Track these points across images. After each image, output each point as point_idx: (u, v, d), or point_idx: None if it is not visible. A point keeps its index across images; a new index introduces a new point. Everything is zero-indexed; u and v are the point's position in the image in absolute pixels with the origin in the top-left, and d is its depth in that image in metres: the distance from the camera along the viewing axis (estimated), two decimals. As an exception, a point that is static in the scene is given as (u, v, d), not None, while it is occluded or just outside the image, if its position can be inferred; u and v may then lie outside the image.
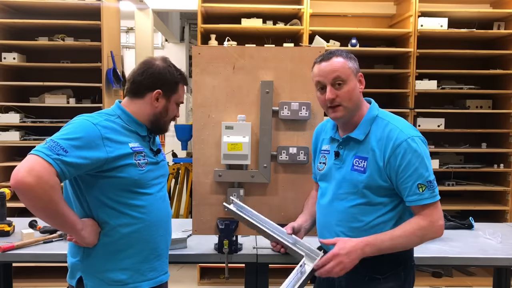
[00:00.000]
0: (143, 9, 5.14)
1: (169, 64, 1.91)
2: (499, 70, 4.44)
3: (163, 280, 1.90)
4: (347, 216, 1.82)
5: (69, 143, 1.65)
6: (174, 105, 1.92)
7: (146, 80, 1.86)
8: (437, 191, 1.75)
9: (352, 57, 1.83)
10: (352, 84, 1.79)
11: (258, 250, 2.37)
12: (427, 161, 1.75)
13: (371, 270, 1.80)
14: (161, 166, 1.94)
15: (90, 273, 1.79)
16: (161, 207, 1.89)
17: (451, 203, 4.46)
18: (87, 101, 4.33)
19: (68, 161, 1.62)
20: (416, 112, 4.31)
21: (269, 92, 2.26)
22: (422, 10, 4.27)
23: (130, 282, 1.79)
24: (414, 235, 1.74)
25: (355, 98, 1.80)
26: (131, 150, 1.78)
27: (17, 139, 4.14)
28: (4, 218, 2.56)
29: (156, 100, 1.87)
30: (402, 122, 1.82)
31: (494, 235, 2.61)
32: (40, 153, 1.60)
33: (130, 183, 1.77)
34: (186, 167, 4.85)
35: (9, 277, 2.69)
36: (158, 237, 1.87)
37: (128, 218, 1.78)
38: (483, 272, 4.45)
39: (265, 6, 4.26)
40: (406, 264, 1.84)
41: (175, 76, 1.90)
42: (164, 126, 1.94)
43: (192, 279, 4.44)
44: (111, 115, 1.84)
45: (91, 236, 1.75)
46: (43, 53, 4.48)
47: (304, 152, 2.27)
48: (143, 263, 1.82)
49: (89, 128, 1.71)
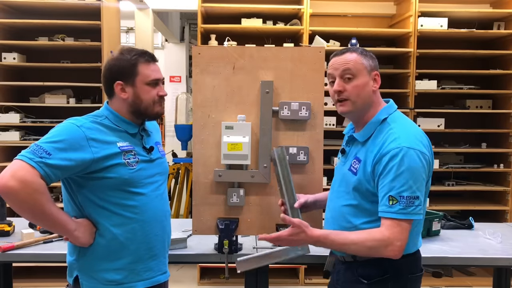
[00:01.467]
0: (143, 9, 5.14)
1: (122, 51, 1.85)
2: (499, 70, 4.44)
3: (160, 280, 1.90)
4: (339, 214, 1.84)
5: (52, 145, 1.67)
6: (144, 87, 1.84)
7: (106, 78, 1.85)
8: (416, 210, 1.65)
9: (369, 55, 1.81)
10: (362, 80, 1.77)
11: (258, 250, 2.37)
12: (410, 175, 1.64)
13: (358, 273, 1.79)
14: (157, 164, 1.92)
15: (85, 272, 1.80)
16: (157, 206, 1.88)
17: (451, 203, 4.47)
18: (87, 101, 4.33)
19: (52, 163, 1.64)
20: (416, 112, 4.32)
21: (269, 92, 2.26)
22: (422, 10, 4.27)
23: (125, 282, 1.80)
24: (364, 245, 1.68)
25: (364, 94, 1.78)
26: (119, 149, 1.78)
27: (17, 139, 4.14)
28: (4, 218, 2.57)
29: (123, 92, 1.84)
30: (406, 131, 1.73)
31: (494, 235, 2.61)
32: (24, 157, 1.63)
33: (121, 183, 1.77)
34: (186, 167, 4.85)
35: (9, 277, 2.68)
36: (153, 237, 1.86)
37: (120, 218, 1.78)
38: (483, 272, 4.45)
39: (265, 6, 4.26)
40: (397, 275, 1.76)
41: (130, 59, 1.82)
42: (147, 111, 1.86)
43: (192, 279, 4.44)
44: (99, 116, 1.85)
45: (85, 236, 1.75)
46: (43, 53, 4.48)
47: (304, 152, 2.27)
48: (138, 263, 1.82)
49: (73, 130, 1.73)
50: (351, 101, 1.78)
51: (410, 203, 1.65)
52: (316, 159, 2.30)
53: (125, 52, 1.85)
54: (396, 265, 1.74)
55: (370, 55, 1.82)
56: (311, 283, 4.33)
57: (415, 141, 1.70)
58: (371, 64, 1.80)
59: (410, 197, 1.65)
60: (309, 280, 4.34)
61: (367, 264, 1.76)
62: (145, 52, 1.87)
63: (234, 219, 2.29)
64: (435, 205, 4.26)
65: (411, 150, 1.66)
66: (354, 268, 1.80)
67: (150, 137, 1.97)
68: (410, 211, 1.65)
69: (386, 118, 1.79)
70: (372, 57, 1.82)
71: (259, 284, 2.36)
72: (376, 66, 1.82)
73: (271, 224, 2.31)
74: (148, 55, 1.86)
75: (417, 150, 1.67)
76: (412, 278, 1.79)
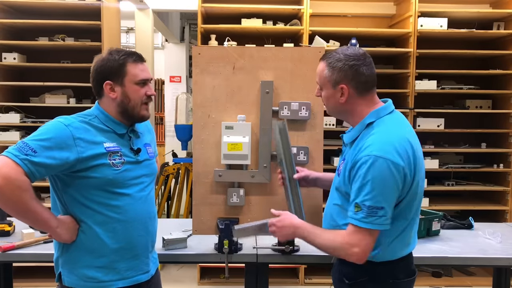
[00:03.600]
0: (143, 9, 5.14)
1: (111, 52, 1.87)
2: (498, 70, 4.44)
3: (141, 280, 1.90)
4: (329, 212, 1.88)
5: (38, 143, 1.69)
6: (133, 87, 1.85)
7: (95, 79, 1.88)
8: (378, 221, 1.63)
9: (336, 67, 1.73)
10: (326, 93, 1.80)
11: (258, 250, 2.37)
12: (376, 185, 1.62)
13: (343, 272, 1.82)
14: (144, 166, 1.92)
15: (67, 268, 1.82)
16: (141, 207, 1.88)
17: (451, 203, 4.47)
18: (87, 101, 4.33)
19: (37, 161, 1.66)
20: (416, 112, 4.32)
21: (269, 92, 2.26)
22: (422, 10, 4.27)
23: (106, 280, 1.81)
24: (328, 245, 1.75)
25: (331, 105, 1.81)
26: (105, 150, 1.79)
27: (17, 139, 4.13)
28: (4, 218, 2.57)
29: (112, 91, 1.85)
30: (383, 138, 1.67)
31: (494, 235, 2.61)
32: (9, 154, 1.66)
33: (105, 183, 1.78)
34: (186, 167, 4.85)
35: (9, 277, 2.68)
36: (135, 237, 1.87)
37: (103, 217, 1.79)
38: (483, 272, 4.45)
39: (265, 6, 4.26)
40: (376, 279, 1.76)
41: (118, 60, 1.84)
42: (133, 111, 1.87)
43: (192, 279, 4.44)
44: (88, 116, 1.86)
45: (68, 233, 1.77)
46: (43, 53, 4.48)
47: (304, 152, 2.28)
48: (119, 262, 1.83)
49: (60, 129, 1.74)
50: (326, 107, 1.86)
51: (372, 213, 1.63)
52: (316, 159, 2.30)
53: (114, 52, 1.87)
54: (374, 270, 1.75)
55: (338, 68, 1.73)
56: (311, 283, 4.33)
57: (389, 150, 1.63)
58: (336, 78, 1.74)
59: (372, 207, 1.62)
60: (309, 280, 4.34)
61: (349, 264, 1.76)
62: (133, 53, 1.89)
63: (234, 219, 2.29)
64: (435, 205, 4.27)
65: (380, 159, 1.62)
66: (340, 266, 1.84)
67: (139, 138, 1.97)
68: (372, 221, 1.63)
69: (373, 122, 1.75)
70: (341, 69, 1.73)
71: (259, 284, 2.36)
72: (344, 78, 1.73)
73: (271, 224, 2.31)
74: (136, 55, 1.88)
75: (388, 159, 1.62)
76: (395, 283, 1.77)
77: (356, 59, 1.73)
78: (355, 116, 1.80)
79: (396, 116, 1.80)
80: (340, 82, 1.74)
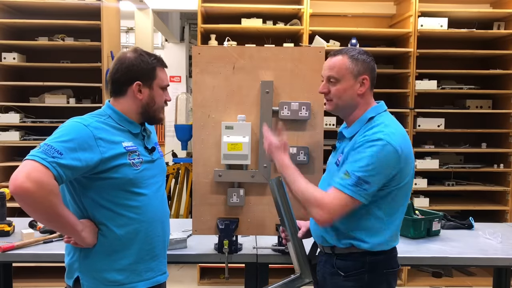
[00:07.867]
0: (143, 9, 5.14)
1: (141, 53, 1.87)
2: (499, 70, 4.44)
3: (160, 281, 1.90)
4: None
5: (63, 145, 1.64)
6: (159, 91, 1.89)
7: (123, 77, 1.84)
8: (361, 192, 1.69)
9: (361, 59, 1.83)
10: (345, 85, 1.83)
11: (258, 250, 2.37)
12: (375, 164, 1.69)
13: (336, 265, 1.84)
14: (157, 165, 1.92)
15: (87, 273, 1.79)
16: (158, 207, 1.88)
17: (451, 203, 4.47)
18: (87, 101, 4.33)
19: (64, 163, 1.62)
20: (416, 112, 4.32)
21: (269, 92, 2.26)
22: (422, 10, 4.27)
23: (127, 283, 1.80)
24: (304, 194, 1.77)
25: (346, 97, 1.84)
26: (125, 149, 1.78)
27: (17, 139, 4.14)
28: (4, 218, 2.56)
29: (139, 92, 1.85)
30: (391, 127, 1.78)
31: (494, 235, 2.61)
32: (36, 157, 1.59)
33: (125, 183, 1.77)
34: (186, 167, 4.85)
35: (9, 277, 2.69)
36: (154, 238, 1.86)
37: (123, 219, 1.78)
38: (483, 272, 4.45)
39: (265, 6, 4.26)
40: (373, 270, 1.81)
41: (150, 63, 1.86)
42: (156, 114, 1.91)
43: (192, 279, 4.44)
44: (102, 116, 1.83)
45: (90, 236, 1.75)
46: (43, 53, 4.48)
47: (304, 152, 2.27)
48: (139, 263, 1.82)
49: (80, 129, 1.71)
50: (334, 102, 1.87)
51: (358, 184, 1.69)
52: (316, 159, 2.30)
53: (145, 53, 1.88)
54: (373, 261, 1.80)
55: (362, 60, 1.84)
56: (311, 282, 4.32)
57: (395, 138, 1.74)
58: (360, 69, 1.83)
59: (361, 178, 1.69)
60: (309, 280, 4.34)
61: (345, 257, 1.82)
62: (161, 58, 1.94)
63: (234, 219, 2.29)
64: (435, 205, 4.26)
65: (386, 142, 1.71)
66: (333, 260, 1.86)
67: (150, 138, 1.97)
68: (355, 191, 1.70)
69: (374, 116, 1.85)
70: (364, 61, 1.84)
71: (259, 284, 2.36)
72: (366, 70, 1.84)
73: (271, 224, 2.31)
74: (163, 61, 1.93)
75: (393, 146, 1.72)
76: (387, 273, 1.85)
77: (371, 56, 1.88)
78: (361, 109, 1.86)
79: (390, 115, 1.91)
80: (363, 73, 1.83)
